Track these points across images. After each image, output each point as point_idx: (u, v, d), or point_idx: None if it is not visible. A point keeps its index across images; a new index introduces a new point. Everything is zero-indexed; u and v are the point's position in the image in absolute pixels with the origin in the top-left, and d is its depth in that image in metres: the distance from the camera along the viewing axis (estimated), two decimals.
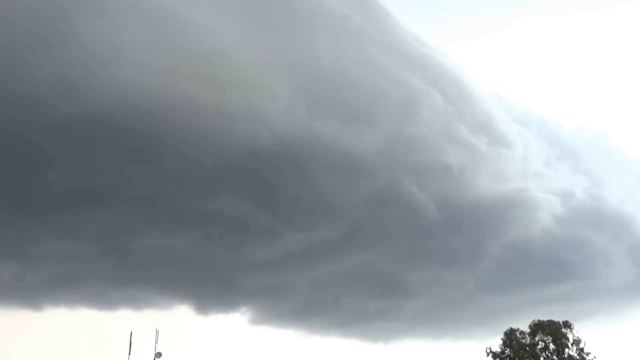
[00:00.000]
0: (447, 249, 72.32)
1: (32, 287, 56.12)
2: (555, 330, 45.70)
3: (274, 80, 56.01)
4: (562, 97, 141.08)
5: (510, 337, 46.57)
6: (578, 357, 44.79)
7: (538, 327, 46.13)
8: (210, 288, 65.44)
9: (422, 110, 63.16)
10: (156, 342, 31.91)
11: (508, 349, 46.25)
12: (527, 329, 46.62)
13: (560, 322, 46.39)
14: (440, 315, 75.32)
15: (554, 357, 45.20)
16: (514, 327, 47.21)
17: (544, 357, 45.33)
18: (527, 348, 45.57)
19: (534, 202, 74.43)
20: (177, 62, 51.01)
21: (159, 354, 31.87)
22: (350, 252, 68.53)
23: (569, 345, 45.46)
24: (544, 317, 46.97)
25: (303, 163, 58.80)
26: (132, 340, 31.47)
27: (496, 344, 46.90)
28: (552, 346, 45.62)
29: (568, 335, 45.78)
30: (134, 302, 62.56)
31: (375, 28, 64.25)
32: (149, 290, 62.73)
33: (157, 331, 32.20)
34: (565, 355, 44.87)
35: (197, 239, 62.24)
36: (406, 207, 65.71)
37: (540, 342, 45.82)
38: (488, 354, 46.74)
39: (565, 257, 75.92)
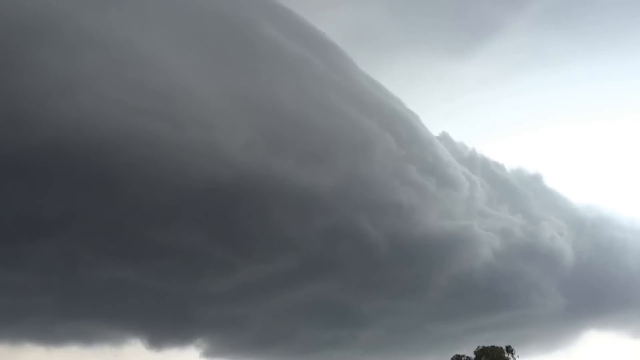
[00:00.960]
0: (397, 281, 71.48)
1: None
2: (498, 355, 45.49)
3: (234, 118, 53.23)
4: (503, 141, 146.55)
5: None
6: None
7: (482, 353, 45.76)
8: (164, 321, 60.72)
9: (376, 152, 62.22)
10: None
11: None
12: (472, 355, 46.16)
13: (503, 347, 46.14)
14: (392, 343, 74.76)
15: None
16: (460, 353, 46.90)
17: None
18: None
19: (476, 238, 74.83)
20: (135, 96, 47.22)
21: None
22: (306, 284, 66.24)
23: None
24: (487, 343, 46.89)
25: (261, 199, 55.85)
26: None
27: None
28: None
29: (510, 359, 45.61)
30: (83, 337, 56.83)
31: (335, 73, 63.24)
32: (98, 324, 57.13)
33: None
34: None
35: (151, 271, 57.60)
36: (359, 242, 64.40)
37: None
38: None
39: (504, 288, 76.90)
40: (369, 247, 64.32)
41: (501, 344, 56.32)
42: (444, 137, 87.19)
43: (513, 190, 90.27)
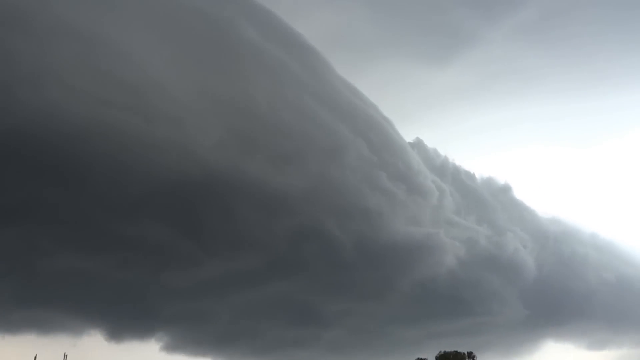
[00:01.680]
0: (362, 284, 72.96)
1: None
2: None
3: (206, 116, 53.62)
4: (476, 149, 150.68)
5: None
6: None
7: (444, 357, 46.97)
8: (125, 313, 60.77)
9: (347, 157, 63.39)
10: None
11: None
12: (433, 359, 47.16)
13: (465, 353, 47.18)
14: (354, 344, 76.31)
15: None
16: (422, 357, 48.22)
17: None
18: None
19: (442, 246, 76.76)
20: (106, 90, 47.22)
21: None
22: (270, 283, 67.14)
23: None
24: (447, 348, 46.97)
25: (229, 197, 56.58)
26: None
27: None
28: None
29: None
30: (40, 326, 56.55)
31: (312, 76, 64.11)
32: (57, 313, 56.96)
33: (65, 355, 27.76)
34: None
35: (113, 263, 57.59)
36: (326, 244, 65.66)
37: None
38: None
39: (466, 295, 79.36)
40: (334, 249, 65.72)
41: (461, 349, 57.91)
42: (418, 144, 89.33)
43: (482, 200, 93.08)
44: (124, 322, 61.73)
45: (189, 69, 53.89)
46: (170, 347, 66.13)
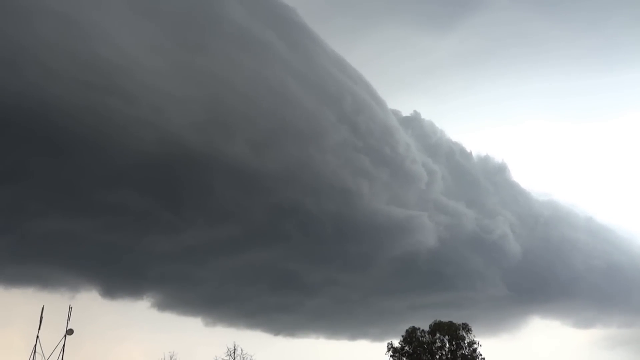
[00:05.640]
0: (341, 257, 75.24)
1: None
2: (453, 332, 46.41)
3: (186, 97, 54.31)
4: (475, 123, 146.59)
5: (411, 334, 47.12)
6: (469, 357, 45.69)
7: (437, 327, 46.81)
8: (116, 273, 64.66)
9: (329, 142, 63.58)
10: (68, 319, 28.53)
11: (408, 346, 46.49)
12: (427, 328, 47.02)
13: (460, 325, 47.05)
14: (337, 312, 78.48)
15: (449, 355, 45.81)
16: (415, 326, 47.09)
17: (439, 355, 45.95)
18: (425, 346, 46.12)
19: (424, 227, 77.63)
20: (83, 71, 48.08)
21: (70, 331, 28.75)
22: (250, 251, 69.52)
23: (464, 345, 46.21)
24: (431, 320, 46.44)
25: (208, 175, 58.46)
26: (42, 315, 27.79)
27: (388, 342, 47.03)
28: (448, 345, 46.15)
29: (465, 337, 46.41)
30: (39, 280, 60.83)
31: (298, 58, 62.96)
32: (53, 269, 61.17)
33: (70, 307, 28.71)
34: (458, 355, 45.60)
35: (99, 226, 60.66)
36: (303, 221, 67.23)
37: (437, 341, 46.39)
38: (389, 349, 47.18)
39: (448, 271, 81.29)
40: (313, 225, 67.44)
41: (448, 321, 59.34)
42: (414, 118, 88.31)
43: (475, 181, 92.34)
44: (115, 281, 65.77)
45: (168, 48, 53.94)
46: (161, 306, 70.78)
